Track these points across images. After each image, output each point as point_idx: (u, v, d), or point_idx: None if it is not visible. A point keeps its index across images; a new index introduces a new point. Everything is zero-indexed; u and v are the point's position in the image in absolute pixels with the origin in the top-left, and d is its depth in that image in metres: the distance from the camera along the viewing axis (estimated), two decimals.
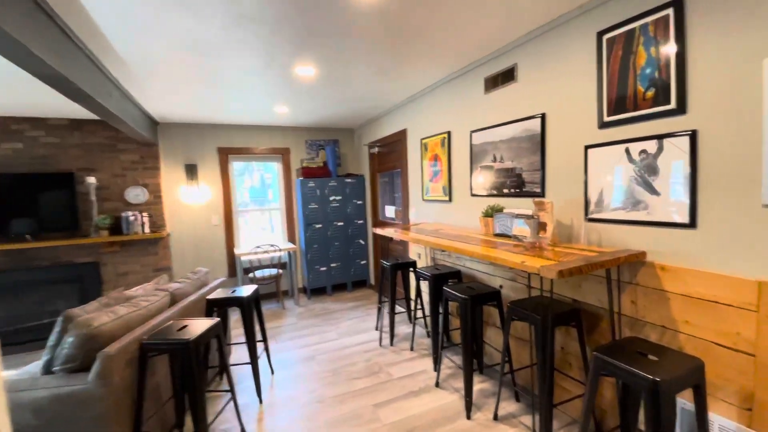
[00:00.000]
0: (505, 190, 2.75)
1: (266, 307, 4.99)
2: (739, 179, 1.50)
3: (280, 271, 4.92)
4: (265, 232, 5.46)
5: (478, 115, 2.99)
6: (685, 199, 1.68)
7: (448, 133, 3.39)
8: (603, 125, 2.02)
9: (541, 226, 2.22)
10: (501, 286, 2.80)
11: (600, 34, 1.99)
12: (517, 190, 2.64)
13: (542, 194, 2.44)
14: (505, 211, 2.69)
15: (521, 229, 2.30)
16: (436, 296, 3.03)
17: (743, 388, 1.51)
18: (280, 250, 4.83)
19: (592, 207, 2.11)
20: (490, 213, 2.69)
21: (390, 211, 4.89)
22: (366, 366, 3.18)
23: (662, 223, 1.78)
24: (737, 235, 1.52)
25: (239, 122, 4.85)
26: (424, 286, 3.89)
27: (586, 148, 2.12)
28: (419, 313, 4.05)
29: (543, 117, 2.39)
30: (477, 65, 2.93)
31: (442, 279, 3.05)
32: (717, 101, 1.55)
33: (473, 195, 3.11)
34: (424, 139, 3.81)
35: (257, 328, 4.06)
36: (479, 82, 2.94)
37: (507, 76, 2.65)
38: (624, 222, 1.95)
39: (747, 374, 1.50)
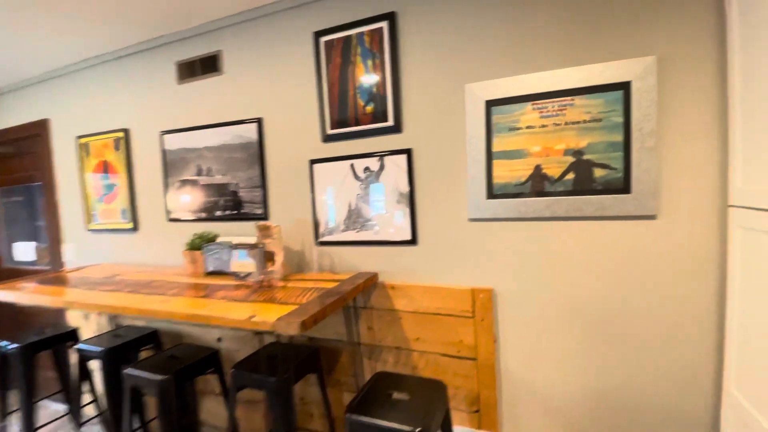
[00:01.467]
0: (218, 213, 2.11)
1: None
2: (449, 196, 1.61)
3: None
4: None
5: (171, 111, 2.19)
6: (407, 217, 1.68)
7: (125, 131, 2.35)
8: (327, 138, 1.80)
9: (269, 257, 1.75)
10: (220, 339, 2.11)
11: (317, 35, 1.77)
12: (234, 212, 2.07)
13: (265, 216, 1.99)
14: (219, 240, 2.04)
15: (243, 263, 1.75)
16: (116, 382, 1.94)
17: (471, 393, 1.61)
18: None
19: (322, 228, 1.86)
20: (199, 244, 1.97)
21: (27, 251, 3.05)
22: None
23: (389, 241, 1.72)
24: (450, 248, 1.62)
25: None
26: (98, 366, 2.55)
27: (312, 162, 1.85)
28: (95, 408, 2.62)
29: (260, 122, 1.95)
30: (165, 42, 2.14)
31: (124, 352, 1.99)
32: (427, 121, 1.62)
33: (172, 220, 2.26)
34: (82, 137, 2.52)
35: None
36: (169, 66, 2.16)
37: (209, 65, 2.04)
38: (355, 243, 1.79)
39: (472, 378, 1.61)
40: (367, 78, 1.69)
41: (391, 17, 1.62)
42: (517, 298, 1.53)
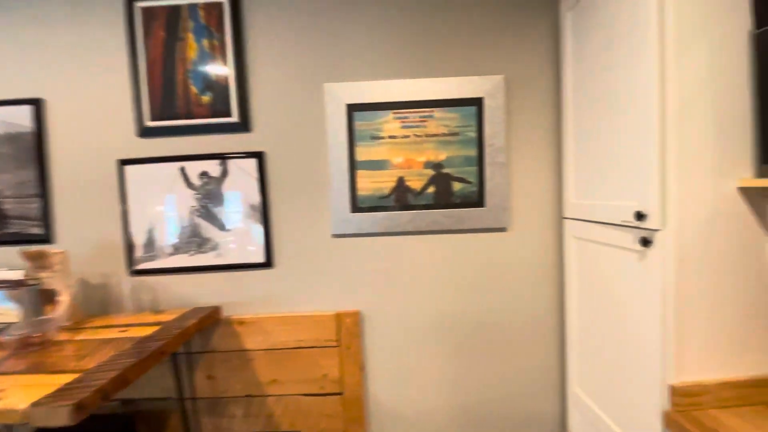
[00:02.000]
0: None
1: None
2: (310, 209, 1.39)
3: None
4: None
5: None
6: (260, 234, 1.39)
7: None
8: (145, 132, 1.37)
9: (47, 298, 1.21)
10: None
11: None
12: None
13: (48, 238, 1.40)
14: None
15: (1, 310, 1.16)
16: None
17: None
18: None
19: (139, 253, 1.39)
20: None
21: None
22: None
23: (237, 265, 1.40)
24: (313, 269, 1.40)
25: None
26: None
27: (122, 163, 1.38)
28: None
29: (38, 105, 1.37)
30: None
31: None
32: (283, 121, 1.37)
33: None
34: None
35: None
36: None
37: None
38: (189, 270, 1.40)
39: (337, 417, 1.40)
40: (202, 61, 1.35)
41: None
42: (384, 319, 1.41)
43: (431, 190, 1.37)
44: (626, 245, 1.01)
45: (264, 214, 1.38)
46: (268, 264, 1.40)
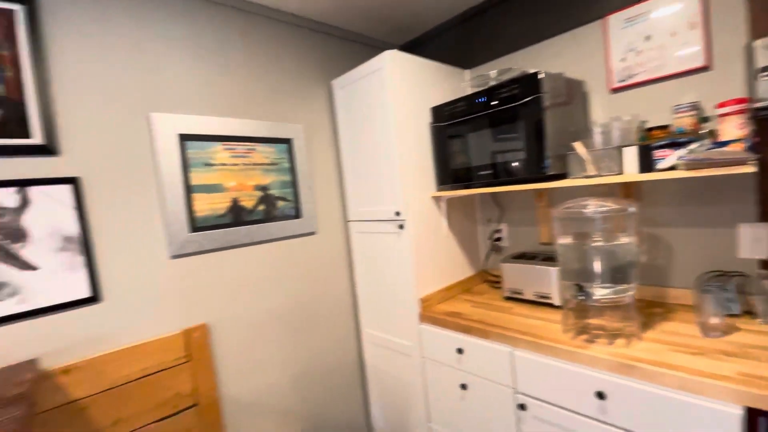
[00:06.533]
0: None
1: None
2: (142, 234, 1.40)
3: None
4: None
5: None
6: (80, 267, 1.27)
7: None
8: None
9: None
10: None
11: None
12: None
13: None
14: None
15: None
16: None
17: None
18: None
19: None
20: None
21: None
22: None
23: (51, 307, 1.21)
24: (151, 293, 1.41)
25: None
26: None
27: None
28: None
29: None
30: None
31: None
32: (103, 146, 1.32)
33: None
34: None
35: None
36: None
37: None
38: None
39: (195, 428, 1.46)
40: None
41: (28, 2, 1.18)
42: (230, 324, 1.61)
43: (261, 207, 1.71)
44: (390, 231, 1.79)
45: (85, 244, 1.28)
46: (94, 299, 1.29)
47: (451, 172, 1.74)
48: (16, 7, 1.17)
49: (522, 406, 1.37)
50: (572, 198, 1.42)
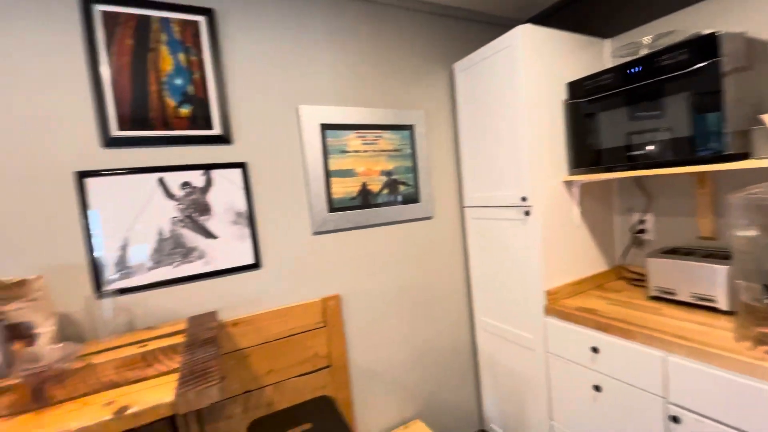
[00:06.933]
0: None
1: None
2: (291, 212, 1.59)
3: None
4: None
5: None
6: (247, 238, 1.50)
7: None
8: (111, 142, 1.29)
9: (18, 333, 1.04)
10: None
11: (89, 1, 1.25)
12: None
13: None
14: None
15: None
16: None
17: None
18: None
19: (111, 273, 1.29)
20: None
21: None
22: None
23: (226, 270, 1.47)
24: (297, 265, 1.61)
25: None
26: None
27: (81, 175, 1.25)
28: None
29: None
30: None
31: None
32: (262, 136, 1.53)
33: None
34: None
35: None
36: None
37: None
38: (174, 282, 1.38)
39: (328, 387, 1.65)
40: (179, 74, 1.38)
41: (209, 13, 1.42)
42: (357, 297, 1.75)
43: (386, 191, 1.80)
44: (512, 217, 1.72)
45: (250, 219, 1.51)
46: (256, 265, 1.53)
47: (588, 154, 1.58)
48: (200, 18, 1.41)
49: (675, 419, 1.21)
50: (751, 183, 1.17)
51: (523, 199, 1.64)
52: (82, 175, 1.25)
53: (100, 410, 0.79)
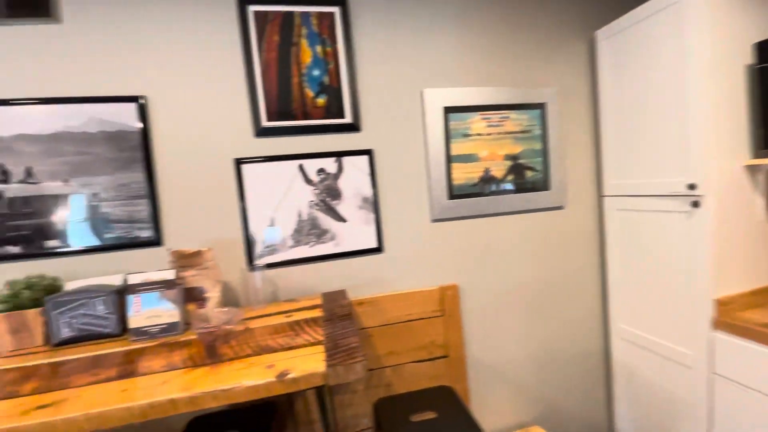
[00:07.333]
0: (52, 243, 1.29)
1: None
2: (411, 199, 1.59)
3: None
4: None
5: None
6: (371, 223, 1.55)
7: None
8: (262, 132, 1.43)
9: (191, 297, 1.23)
10: None
11: (244, 1, 1.39)
12: (118, 243, 1.31)
13: (158, 240, 1.37)
14: (74, 285, 1.25)
15: (155, 312, 1.15)
16: None
17: None
18: None
19: (259, 249, 1.45)
20: (32, 299, 1.14)
21: None
22: None
23: (353, 252, 1.54)
24: (416, 251, 1.61)
25: None
26: None
27: (238, 162, 1.42)
28: None
29: (142, 104, 1.33)
30: None
31: None
32: (386, 122, 1.55)
33: None
34: None
35: None
36: None
37: (35, 3, 1.23)
38: (309, 260, 1.50)
39: (444, 377, 1.63)
40: (316, 66, 1.46)
41: (342, 3, 1.47)
42: (476, 289, 1.68)
43: (510, 178, 1.68)
44: (673, 209, 1.44)
45: (375, 204, 1.55)
46: (379, 249, 1.56)
47: None
48: (334, 9, 1.46)
49: None
50: None
51: (691, 186, 1.35)
52: (239, 162, 1.42)
53: (264, 371, 0.88)
